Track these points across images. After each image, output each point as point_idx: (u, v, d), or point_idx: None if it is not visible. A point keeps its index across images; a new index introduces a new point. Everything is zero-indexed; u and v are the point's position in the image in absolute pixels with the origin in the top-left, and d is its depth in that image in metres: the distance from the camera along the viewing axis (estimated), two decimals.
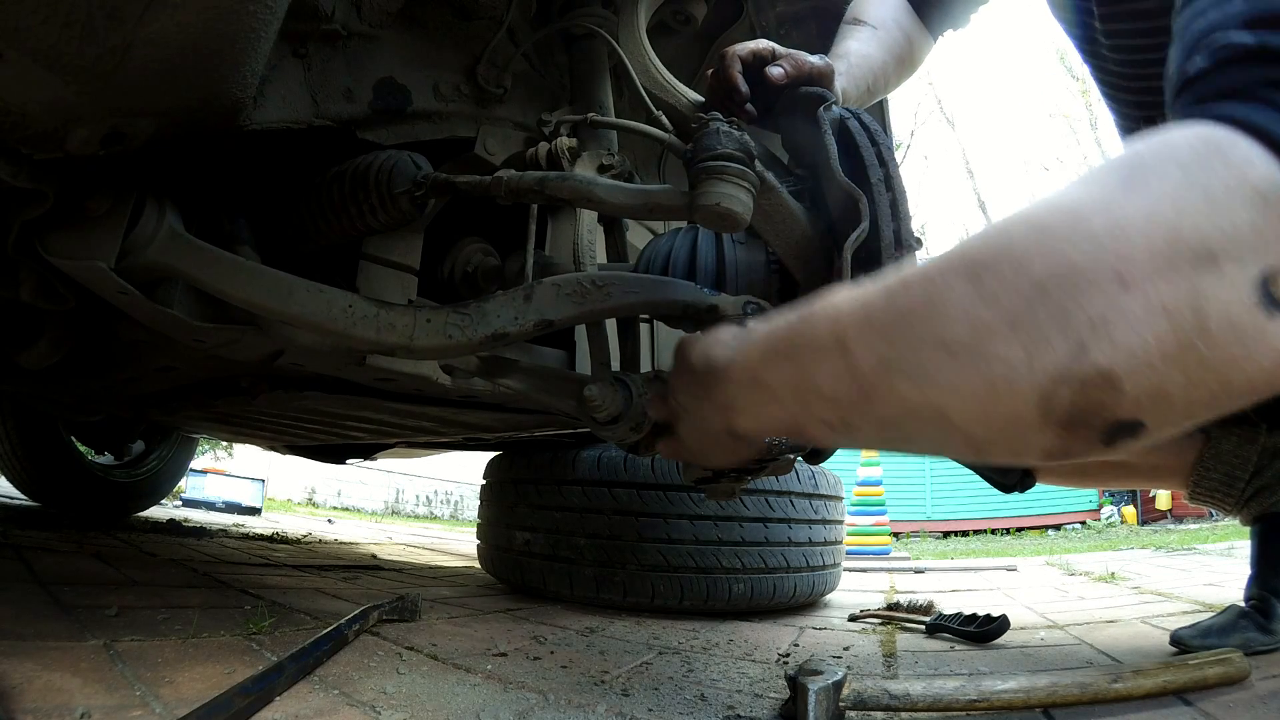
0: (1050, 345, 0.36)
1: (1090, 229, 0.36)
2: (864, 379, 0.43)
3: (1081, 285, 0.35)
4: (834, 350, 0.45)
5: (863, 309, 0.44)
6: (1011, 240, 0.39)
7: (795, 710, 0.77)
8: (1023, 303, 0.37)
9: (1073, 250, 0.36)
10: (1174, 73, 0.52)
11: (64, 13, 0.50)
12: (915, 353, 0.40)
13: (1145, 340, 0.35)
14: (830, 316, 0.46)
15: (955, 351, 0.39)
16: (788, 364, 0.49)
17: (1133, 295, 0.35)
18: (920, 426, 0.43)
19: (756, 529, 1.63)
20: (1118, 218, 0.36)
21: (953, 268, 0.40)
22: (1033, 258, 0.37)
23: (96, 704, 0.64)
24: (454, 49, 0.98)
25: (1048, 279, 0.36)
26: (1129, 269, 0.35)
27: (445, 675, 0.90)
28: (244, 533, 3.08)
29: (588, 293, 0.74)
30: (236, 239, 0.85)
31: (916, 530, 9.32)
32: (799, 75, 0.78)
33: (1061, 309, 0.36)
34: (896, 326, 0.42)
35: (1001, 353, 0.37)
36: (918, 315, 0.41)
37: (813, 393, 0.47)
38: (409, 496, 12.43)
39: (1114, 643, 1.29)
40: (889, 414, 0.43)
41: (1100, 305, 0.35)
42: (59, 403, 1.84)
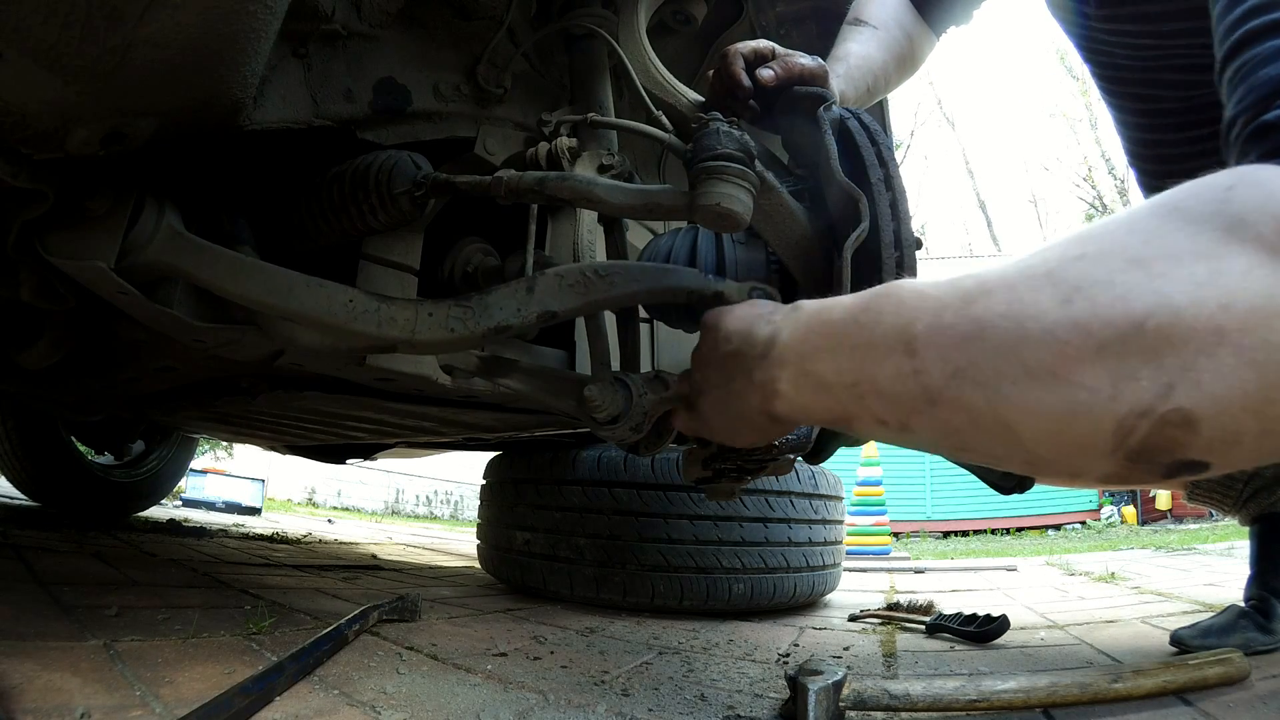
0: (1138, 381, 0.37)
1: (1194, 275, 0.37)
2: (931, 385, 0.43)
3: (1180, 329, 0.36)
4: (900, 350, 0.44)
5: (935, 311, 0.43)
6: (1109, 270, 0.39)
7: (795, 710, 0.77)
8: (1115, 336, 0.37)
9: (1177, 294, 0.36)
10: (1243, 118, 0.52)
11: (64, 13, 0.50)
12: (993, 368, 0.40)
13: (1231, 389, 0.35)
14: (897, 312, 0.45)
15: (1036, 373, 0.39)
16: (846, 357, 0.48)
17: (1227, 347, 0.35)
18: (982, 439, 0.42)
19: (756, 529, 1.63)
20: (1219, 268, 0.36)
21: (1039, 284, 0.40)
22: (1132, 293, 0.37)
23: (96, 704, 0.64)
24: (454, 49, 0.98)
25: (1146, 317, 0.36)
26: (1228, 320, 0.35)
27: (445, 675, 0.90)
28: (244, 533, 3.08)
29: (591, 283, 0.74)
30: (236, 239, 0.85)
31: (916, 530, 9.32)
32: (789, 76, 0.78)
33: (1155, 349, 0.36)
34: (974, 337, 0.41)
35: (1087, 382, 0.38)
36: (999, 330, 0.40)
37: (871, 390, 0.46)
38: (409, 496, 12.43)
39: (1114, 643, 1.29)
40: (953, 423, 0.43)
41: (1194, 352, 0.36)
42: (59, 403, 1.84)
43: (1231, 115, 0.54)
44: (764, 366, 0.54)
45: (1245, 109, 0.52)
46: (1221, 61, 0.58)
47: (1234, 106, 0.54)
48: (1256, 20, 0.55)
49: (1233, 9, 0.58)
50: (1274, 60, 0.52)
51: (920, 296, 0.45)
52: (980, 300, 0.42)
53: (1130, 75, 1.07)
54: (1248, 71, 0.53)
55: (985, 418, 0.41)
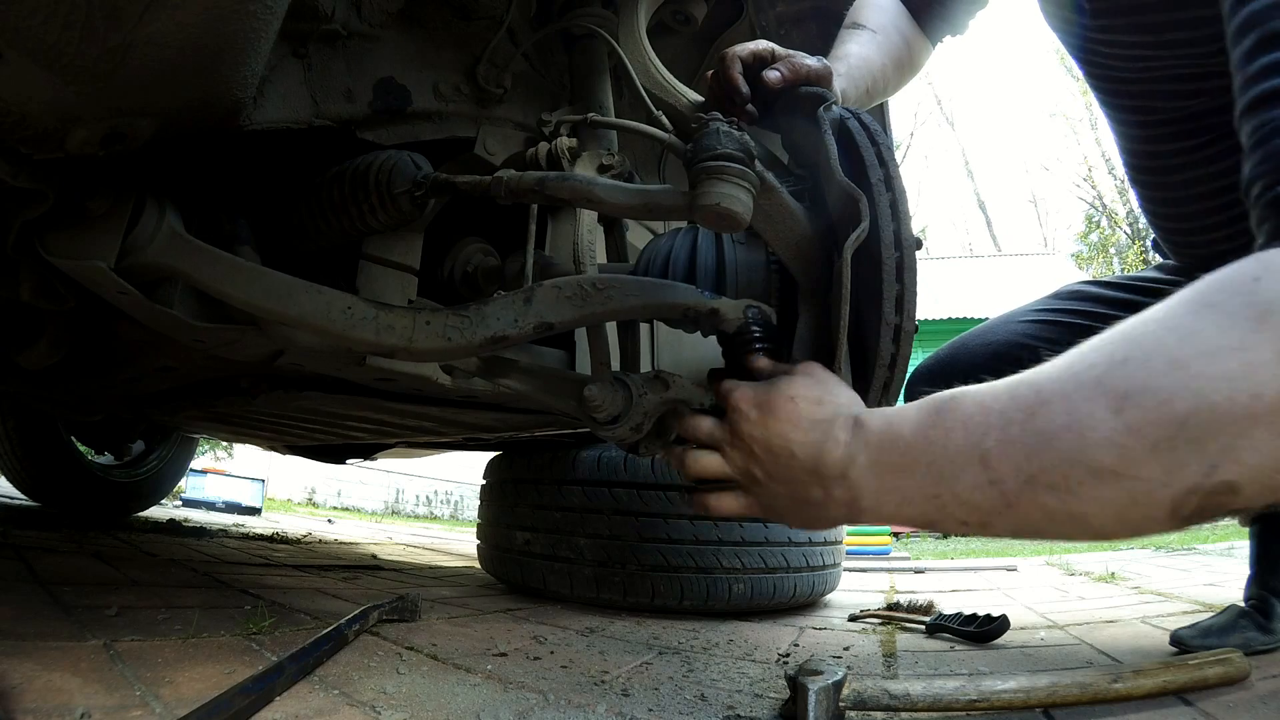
0: (1187, 468, 0.42)
1: (1228, 371, 0.41)
2: (1008, 492, 0.48)
3: (1218, 420, 0.41)
4: (975, 464, 0.49)
5: (1002, 426, 0.48)
6: (1151, 374, 0.43)
7: (795, 710, 0.77)
8: (1164, 434, 0.42)
9: (1212, 392, 0.41)
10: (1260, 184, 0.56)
11: (64, 13, 0.50)
12: (1061, 473, 0.45)
13: (1265, 459, 0.41)
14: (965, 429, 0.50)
15: (1100, 474, 0.44)
16: (923, 475, 0.53)
17: (1261, 427, 0.40)
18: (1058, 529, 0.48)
19: (756, 529, 1.63)
20: (1250, 360, 0.41)
21: (1091, 394, 0.45)
22: (1175, 396, 0.42)
23: (96, 704, 0.64)
24: (454, 49, 0.98)
25: (1188, 416, 0.42)
26: (1259, 407, 0.40)
27: (445, 675, 0.90)
28: (244, 533, 3.08)
29: (588, 296, 0.74)
30: (237, 239, 0.85)
31: (916, 530, 9.31)
32: (796, 78, 0.78)
33: (1199, 440, 0.42)
34: (1041, 448, 0.46)
35: (1144, 475, 0.43)
36: (1063, 440, 0.45)
37: (952, 500, 0.51)
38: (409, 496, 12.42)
39: (1114, 643, 1.29)
40: (1031, 519, 0.48)
41: (1232, 437, 0.41)
42: (59, 403, 1.84)
43: (1250, 176, 0.57)
44: (844, 486, 0.58)
45: (1262, 174, 0.56)
46: (1240, 113, 0.61)
47: (1252, 169, 0.57)
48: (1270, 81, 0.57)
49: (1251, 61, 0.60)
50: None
51: (984, 410, 0.50)
52: (1041, 413, 0.47)
53: (1126, 84, 1.07)
54: (1266, 136, 0.57)
55: (1059, 514, 0.47)
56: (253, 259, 0.83)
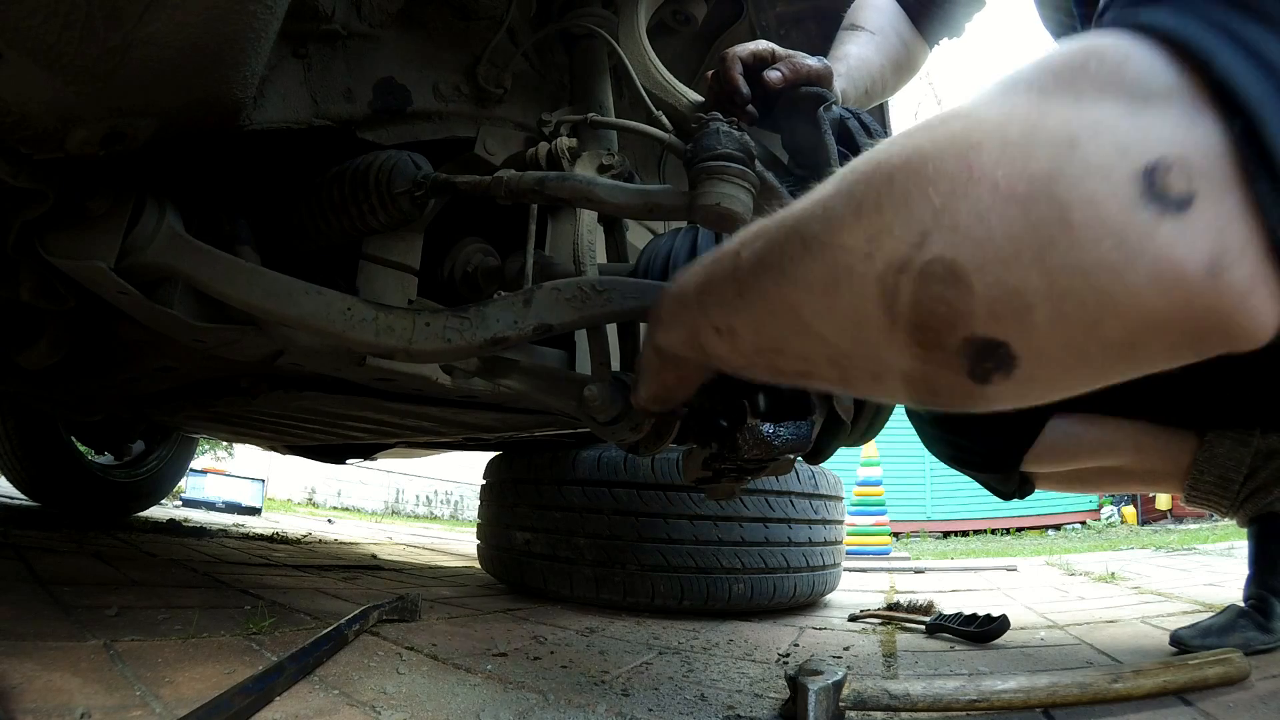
0: (891, 233, 0.35)
1: (949, 127, 0.35)
2: (742, 278, 0.45)
3: (926, 172, 0.34)
4: (731, 254, 0.47)
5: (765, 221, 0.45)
6: (878, 147, 0.39)
7: (795, 710, 0.77)
8: (870, 191, 0.36)
9: (926, 143, 0.35)
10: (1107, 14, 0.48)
11: (64, 13, 0.50)
12: (780, 248, 0.42)
13: (992, 230, 0.31)
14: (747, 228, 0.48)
15: (808, 243, 0.39)
16: (702, 271, 0.51)
17: (981, 182, 0.32)
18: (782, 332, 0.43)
19: (756, 529, 1.63)
20: (977, 116, 0.34)
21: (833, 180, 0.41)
22: (890, 154, 0.37)
23: (96, 704, 0.64)
24: (454, 49, 0.98)
25: (896, 169, 0.36)
26: (977, 156, 0.32)
27: (445, 675, 0.90)
28: (244, 533, 3.08)
29: (588, 298, 0.74)
30: (237, 239, 0.85)
31: (916, 530, 9.32)
32: (797, 78, 0.78)
33: (905, 196, 0.34)
34: (774, 226, 0.43)
35: (846, 241, 0.37)
36: (791, 214, 0.42)
37: (709, 295, 0.49)
38: (409, 496, 12.43)
39: (1114, 643, 1.29)
40: (759, 314, 0.44)
41: (945, 193, 0.33)
42: (59, 403, 1.84)
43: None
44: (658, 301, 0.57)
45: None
46: None
47: None
48: None
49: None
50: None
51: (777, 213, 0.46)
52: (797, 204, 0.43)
53: None
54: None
55: (777, 302, 0.42)
56: (253, 259, 0.83)
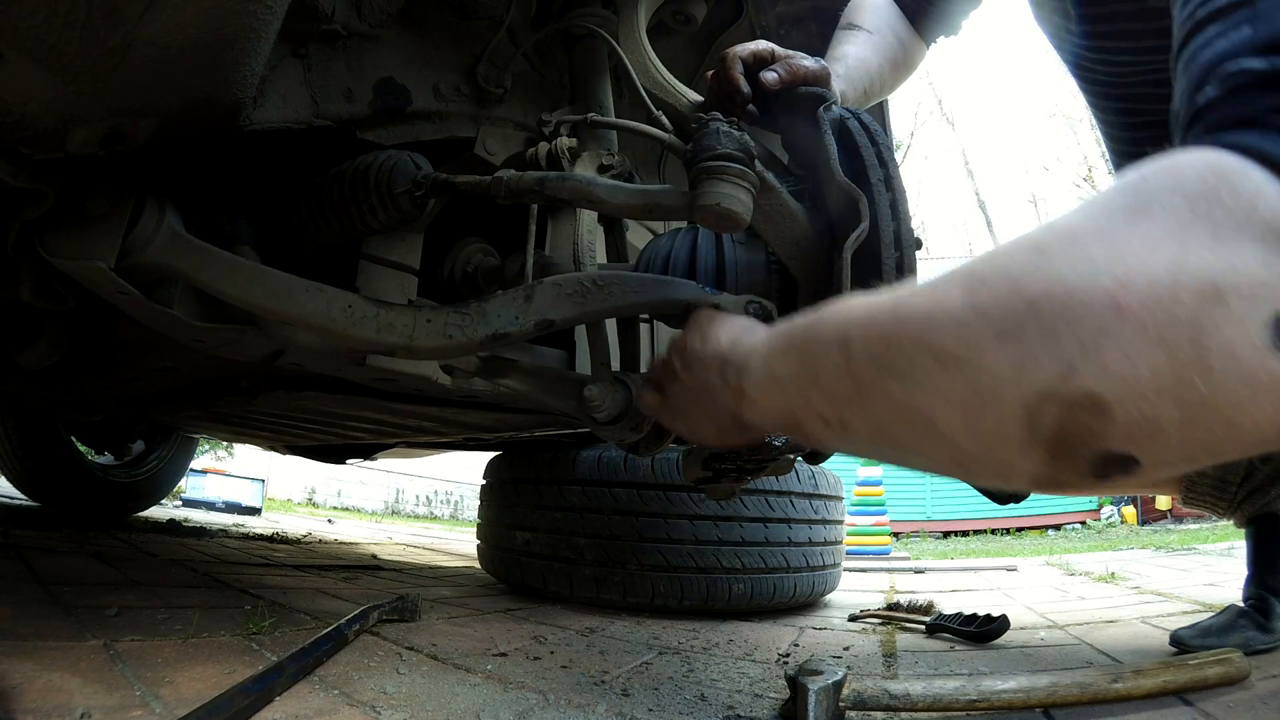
0: (1038, 362, 0.36)
1: (1089, 253, 0.36)
2: (859, 378, 0.44)
3: (1074, 307, 0.35)
4: (836, 346, 0.46)
5: (869, 311, 0.46)
6: (1010, 259, 0.39)
7: (795, 710, 0.77)
8: (1011, 316, 0.37)
9: (1069, 271, 0.36)
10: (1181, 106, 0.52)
11: (64, 13, 0.50)
12: (907, 356, 0.41)
13: (1138, 369, 0.34)
14: (841, 314, 0.48)
15: (944, 360, 0.39)
16: (796, 356, 0.51)
17: (1128, 323, 0.34)
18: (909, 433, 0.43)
19: (756, 529, 1.63)
20: (1118, 245, 0.36)
21: (953, 280, 0.41)
22: (1028, 275, 0.37)
23: (96, 704, 0.64)
24: (454, 49, 0.98)
25: (1040, 298, 0.36)
26: (1126, 296, 0.34)
27: (445, 675, 0.90)
28: (244, 533, 3.08)
29: (589, 292, 0.74)
30: (237, 239, 0.85)
31: (916, 530, 9.32)
32: (794, 80, 0.78)
33: (1052, 328, 0.35)
34: (895, 330, 0.43)
35: (989, 364, 0.37)
36: (913, 321, 0.42)
37: (814, 386, 0.49)
38: (409, 496, 12.42)
39: (1114, 643, 1.29)
40: (880, 415, 0.44)
41: (1093, 329, 0.34)
42: (59, 403, 1.84)
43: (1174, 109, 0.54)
44: (738, 372, 0.57)
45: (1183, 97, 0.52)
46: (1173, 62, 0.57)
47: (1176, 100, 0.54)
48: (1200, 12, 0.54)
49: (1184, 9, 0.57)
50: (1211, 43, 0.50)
51: (863, 303, 0.47)
52: (906, 300, 0.43)
53: (1115, 90, 1.09)
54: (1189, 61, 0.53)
55: (905, 408, 0.42)
56: (253, 259, 0.83)
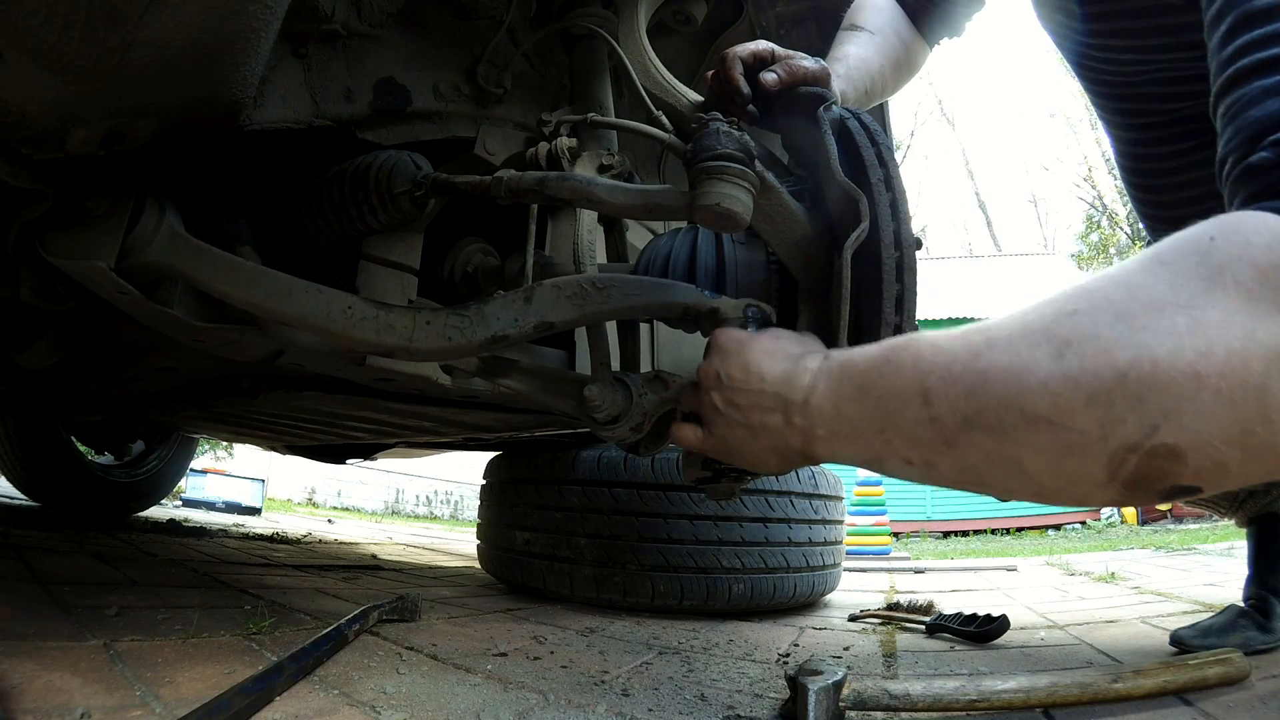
0: (1124, 424, 0.40)
1: (1173, 325, 0.40)
2: (946, 430, 0.47)
3: (1159, 378, 0.39)
4: (917, 399, 0.49)
5: (947, 362, 0.48)
6: (1096, 325, 0.42)
7: (795, 710, 0.77)
8: (1101, 385, 0.41)
9: (1156, 346, 0.40)
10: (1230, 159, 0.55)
11: (64, 13, 0.50)
12: (997, 415, 0.45)
13: (1211, 426, 0.39)
14: (914, 364, 0.50)
15: (1034, 420, 0.43)
16: (873, 405, 0.53)
17: (1206, 389, 0.39)
18: (996, 475, 0.47)
19: (756, 529, 1.63)
20: (1197, 316, 0.40)
21: (1036, 340, 0.44)
22: (1117, 346, 0.41)
23: (96, 704, 0.64)
24: (454, 49, 0.98)
25: (1129, 368, 0.40)
26: (1205, 366, 0.39)
27: (445, 675, 0.90)
28: (244, 533, 3.08)
29: (588, 295, 0.74)
30: (237, 239, 0.85)
31: (916, 530, 9.32)
32: (793, 80, 0.78)
33: (1139, 397, 0.40)
34: (979, 388, 0.45)
35: (1078, 425, 0.42)
36: (1000, 382, 0.44)
37: (896, 434, 0.51)
38: (409, 496, 12.43)
39: (1114, 643, 1.29)
40: (968, 461, 0.47)
41: (1175, 396, 0.39)
42: (59, 403, 1.84)
43: (1222, 155, 0.56)
44: (805, 413, 0.58)
45: (1233, 149, 0.55)
46: (1215, 97, 0.60)
47: (1224, 146, 0.56)
48: (1246, 60, 0.57)
49: (1226, 44, 0.59)
50: (1260, 101, 0.54)
51: (935, 350, 0.49)
52: (985, 355, 0.46)
53: (1121, 89, 1.08)
54: (1236, 112, 0.56)
55: (995, 456, 0.46)
56: (253, 259, 0.83)
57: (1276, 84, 0.53)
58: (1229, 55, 0.58)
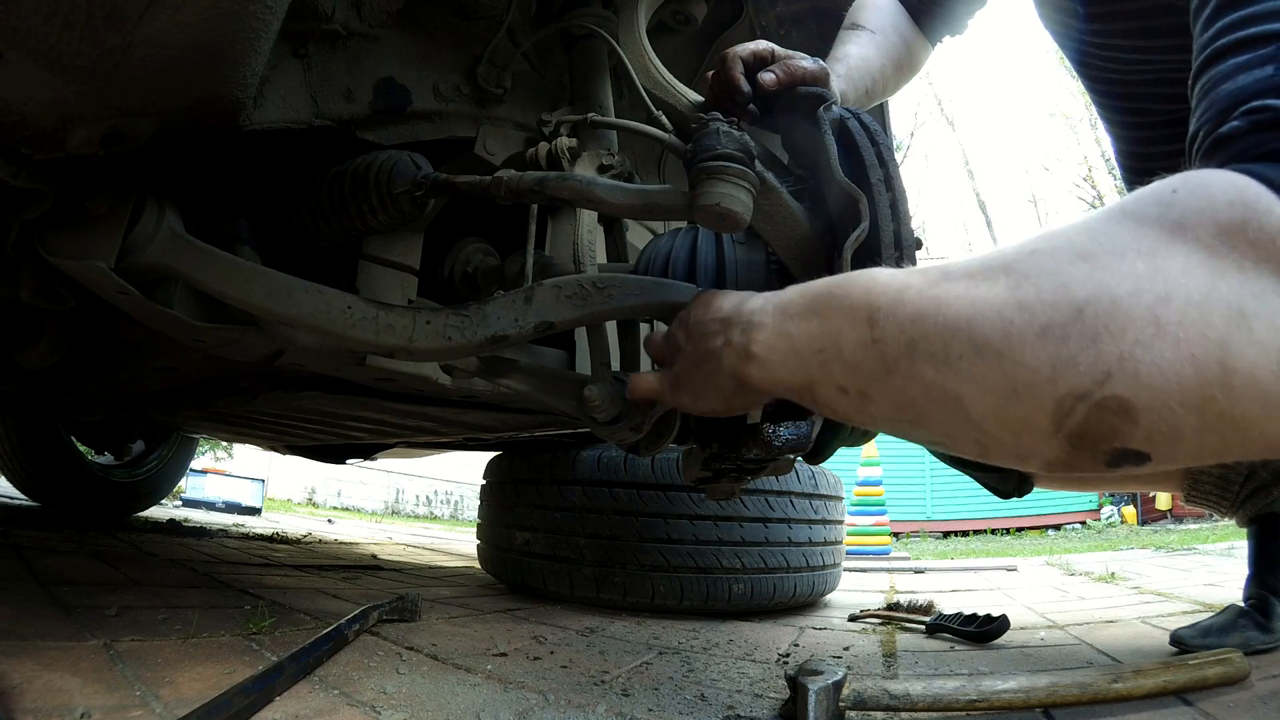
0: (1076, 364, 0.38)
1: (1133, 268, 0.39)
2: (887, 354, 0.45)
3: (1118, 317, 0.38)
4: (863, 320, 0.47)
5: (900, 286, 0.46)
6: (1056, 262, 0.41)
7: (795, 710, 0.77)
8: (1057, 317, 0.39)
9: (1116, 285, 0.38)
10: (1202, 132, 0.54)
11: (64, 13, 0.50)
12: (944, 341, 0.42)
13: (1168, 382, 0.37)
14: (866, 286, 0.48)
15: (982, 349, 0.41)
16: (816, 321, 0.51)
17: (1165, 339, 0.37)
18: (934, 412, 0.45)
19: (756, 529, 1.63)
20: (1159, 265, 0.38)
21: (992, 271, 0.43)
22: (1076, 281, 0.39)
23: (96, 704, 0.64)
24: (454, 49, 0.98)
25: (1087, 303, 0.39)
26: (1165, 313, 0.37)
27: (445, 675, 0.90)
28: (244, 533, 3.08)
29: (588, 295, 0.74)
30: (236, 239, 0.85)
31: (916, 530, 9.32)
32: (791, 80, 0.78)
33: (1094, 335, 0.38)
34: (929, 312, 0.44)
35: (1028, 360, 0.40)
36: (953, 309, 0.43)
37: (835, 356, 0.49)
38: (409, 496, 12.43)
39: (1114, 643, 1.29)
40: (906, 394, 0.45)
41: (1132, 341, 0.37)
42: (59, 403, 1.84)
43: (1194, 130, 0.56)
44: (744, 330, 0.56)
45: (1205, 123, 0.54)
46: (1192, 78, 0.60)
47: (1196, 121, 0.56)
48: (1222, 40, 0.57)
49: (1206, 29, 0.59)
50: (1233, 75, 0.53)
51: (891, 276, 0.47)
52: (941, 284, 0.44)
53: (1121, 88, 1.08)
54: (1210, 88, 0.55)
55: (935, 389, 0.43)
56: (252, 259, 0.83)
57: (1250, 60, 0.52)
58: (1208, 38, 0.58)
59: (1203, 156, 0.53)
